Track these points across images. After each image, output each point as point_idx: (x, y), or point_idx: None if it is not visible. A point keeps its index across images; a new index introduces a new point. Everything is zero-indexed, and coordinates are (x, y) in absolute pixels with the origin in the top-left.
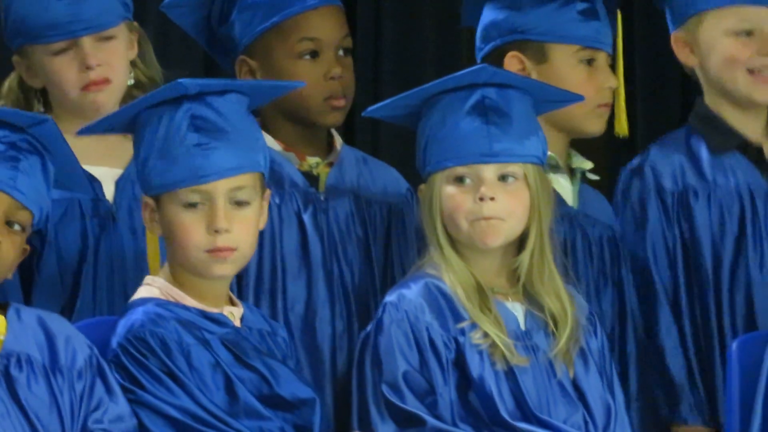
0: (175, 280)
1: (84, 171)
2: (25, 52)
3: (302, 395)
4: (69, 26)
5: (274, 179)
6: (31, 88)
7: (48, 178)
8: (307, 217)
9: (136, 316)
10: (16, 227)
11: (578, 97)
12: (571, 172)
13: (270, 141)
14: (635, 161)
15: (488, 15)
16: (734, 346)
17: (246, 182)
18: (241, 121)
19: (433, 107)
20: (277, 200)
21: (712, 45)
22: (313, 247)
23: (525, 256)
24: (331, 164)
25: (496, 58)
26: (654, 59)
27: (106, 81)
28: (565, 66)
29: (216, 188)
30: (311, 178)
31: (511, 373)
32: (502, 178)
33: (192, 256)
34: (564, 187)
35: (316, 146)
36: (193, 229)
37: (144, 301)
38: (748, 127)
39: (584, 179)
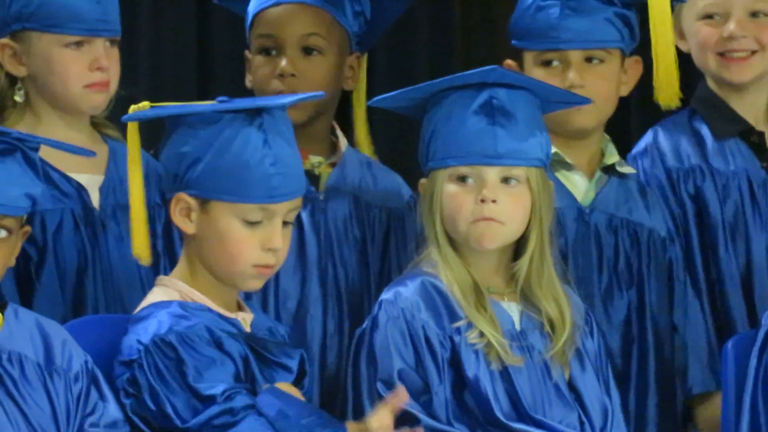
0: (195, 282)
1: (72, 179)
2: (24, 38)
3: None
4: (95, 23)
5: None
6: (12, 76)
7: (34, 166)
8: (305, 215)
9: (161, 318)
10: (2, 233)
11: (585, 99)
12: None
13: None
14: (640, 145)
15: None
16: (729, 345)
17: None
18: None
19: (440, 102)
20: None
21: (689, 31)
22: (310, 245)
23: (524, 261)
24: (333, 164)
25: None
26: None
27: (107, 84)
28: (531, 73)
29: (278, 206)
30: (312, 177)
31: (506, 373)
32: (505, 180)
33: (238, 269)
34: (576, 183)
35: (318, 146)
36: (247, 243)
37: (166, 304)
38: (748, 110)
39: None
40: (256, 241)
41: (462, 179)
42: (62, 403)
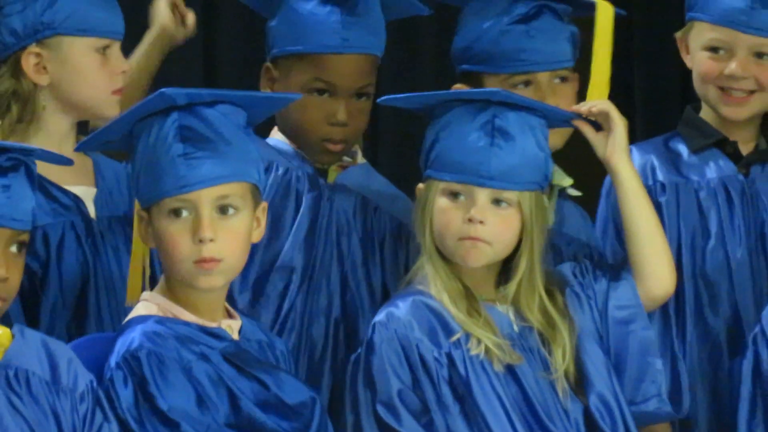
0: (171, 294)
1: (69, 192)
2: (53, 45)
3: (302, 398)
4: (119, 26)
5: (285, 163)
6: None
7: (34, 180)
8: (309, 198)
9: (134, 334)
10: (21, 248)
11: (596, 124)
12: (551, 188)
13: (283, 139)
14: None
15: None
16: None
17: (233, 191)
18: (230, 132)
19: (446, 112)
20: (280, 171)
21: (693, 56)
22: (302, 220)
23: (512, 286)
24: (344, 167)
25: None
26: (653, 71)
27: (122, 90)
28: None
29: (200, 197)
30: (321, 173)
31: (513, 375)
32: (496, 201)
33: (180, 268)
34: None
35: None
36: (179, 239)
37: (143, 318)
38: (734, 131)
39: (566, 195)
40: (187, 236)
41: (454, 195)
42: (69, 423)
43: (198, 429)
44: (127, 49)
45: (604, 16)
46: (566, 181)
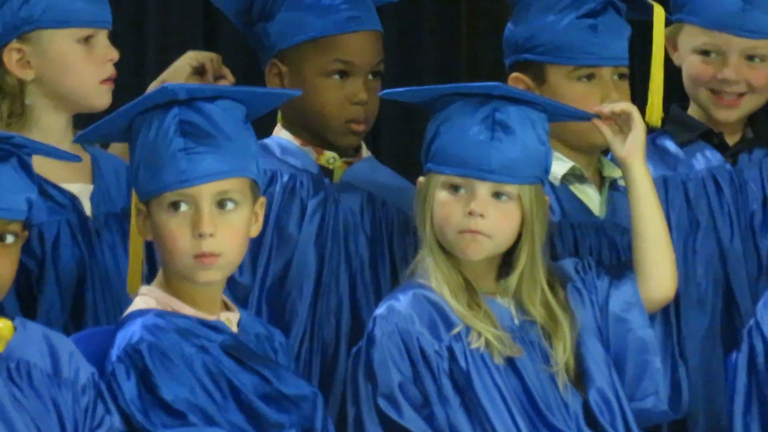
0: (170, 287)
1: (65, 190)
2: (34, 39)
3: (303, 391)
4: (103, 15)
5: (288, 170)
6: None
7: (29, 170)
8: (314, 202)
9: (134, 327)
10: (9, 238)
11: (594, 115)
12: (602, 180)
13: (287, 136)
14: None
15: (507, 28)
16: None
17: (233, 186)
18: (231, 127)
19: (447, 105)
20: (285, 179)
21: (684, 57)
22: (307, 228)
23: (513, 280)
24: (349, 163)
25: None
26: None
27: (113, 79)
28: (562, 86)
29: (200, 192)
30: (326, 171)
31: (513, 368)
32: (496, 195)
33: (179, 262)
34: (591, 197)
35: (335, 150)
36: (179, 234)
37: (142, 312)
38: (720, 125)
39: (616, 186)
40: (187, 230)
41: (454, 188)
42: (70, 415)
43: (202, 419)
44: (125, 44)
45: (659, 20)
46: (617, 173)
